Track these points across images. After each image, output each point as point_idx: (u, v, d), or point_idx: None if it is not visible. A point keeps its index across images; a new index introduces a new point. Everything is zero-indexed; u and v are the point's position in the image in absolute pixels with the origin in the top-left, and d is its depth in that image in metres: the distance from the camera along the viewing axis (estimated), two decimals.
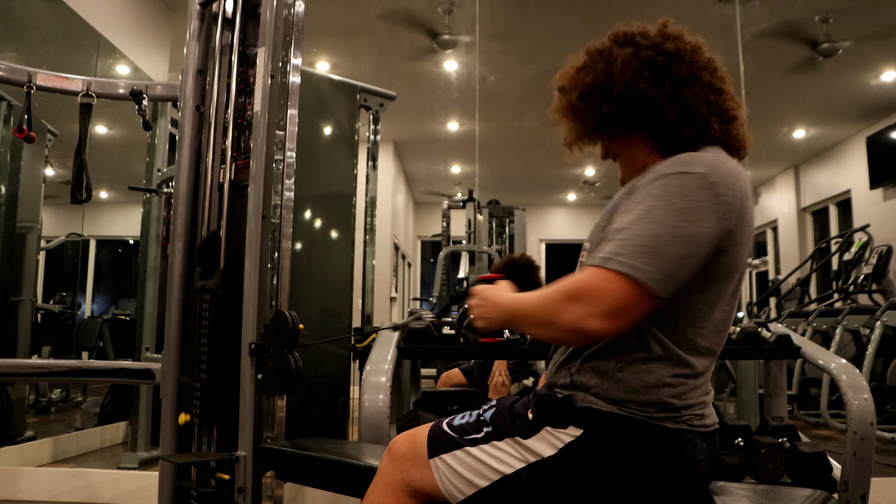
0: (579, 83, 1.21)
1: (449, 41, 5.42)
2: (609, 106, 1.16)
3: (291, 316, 1.52)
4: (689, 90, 1.14)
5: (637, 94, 1.14)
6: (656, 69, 1.15)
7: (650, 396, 1.08)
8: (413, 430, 1.28)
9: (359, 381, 2.15)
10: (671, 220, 1.01)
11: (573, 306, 1.00)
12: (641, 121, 1.15)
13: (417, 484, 1.21)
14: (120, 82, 2.06)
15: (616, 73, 1.16)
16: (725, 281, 1.09)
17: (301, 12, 1.80)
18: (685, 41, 1.19)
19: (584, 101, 1.20)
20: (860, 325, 4.67)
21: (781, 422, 2.30)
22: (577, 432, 1.09)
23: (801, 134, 7.80)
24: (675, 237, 1.00)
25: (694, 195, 1.02)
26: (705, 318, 1.10)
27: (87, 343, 4.85)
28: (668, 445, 1.08)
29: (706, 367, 1.14)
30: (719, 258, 1.06)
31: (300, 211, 3.04)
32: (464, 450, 1.17)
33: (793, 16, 5.15)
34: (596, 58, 1.21)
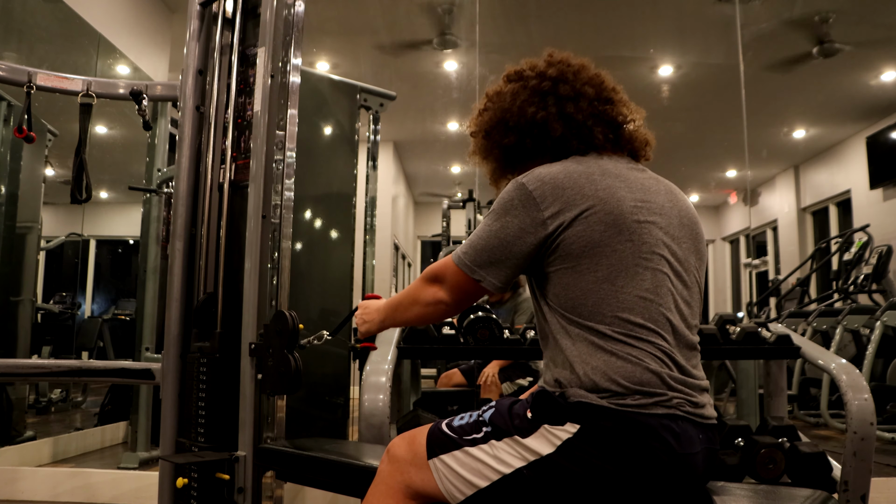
0: (483, 124, 1.36)
1: (449, 41, 5.42)
2: (508, 136, 1.32)
3: (291, 316, 1.52)
4: (573, 105, 1.27)
5: (527, 119, 1.29)
6: (542, 94, 1.29)
7: (620, 378, 1.10)
8: (412, 431, 1.28)
9: (359, 381, 2.15)
10: (488, 220, 1.24)
11: (430, 286, 1.30)
12: (535, 142, 1.29)
13: (418, 486, 1.21)
14: (120, 82, 2.06)
15: (508, 105, 1.31)
16: (601, 254, 1.15)
17: (301, 12, 1.80)
18: (569, 64, 1.32)
19: (488, 138, 1.36)
20: (860, 325, 4.67)
21: (781, 422, 2.30)
22: (574, 428, 1.10)
23: (801, 134, 7.80)
24: (487, 233, 1.22)
25: (505, 197, 1.22)
26: (612, 293, 1.14)
27: (87, 343, 4.86)
28: (661, 436, 1.09)
29: (669, 340, 1.15)
30: (563, 237, 1.16)
31: (300, 211, 3.04)
32: (463, 450, 1.18)
33: (793, 16, 5.15)
34: (493, 98, 1.36)
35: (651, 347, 1.13)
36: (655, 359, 1.13)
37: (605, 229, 1.15)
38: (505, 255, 1.20)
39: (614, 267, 1.15)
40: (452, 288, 1.28)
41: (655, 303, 1.16)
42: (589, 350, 1.14)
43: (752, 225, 9.68)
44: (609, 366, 1.11)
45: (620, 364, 1.11)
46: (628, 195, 1.18)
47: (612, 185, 1.19)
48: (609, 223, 1.16)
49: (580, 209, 1.16)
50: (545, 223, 1.17)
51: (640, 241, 1.16)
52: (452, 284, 1.27)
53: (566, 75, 1.30)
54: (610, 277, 1.15)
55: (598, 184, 1.18)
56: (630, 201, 1.18)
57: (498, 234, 1.21)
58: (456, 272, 1.26)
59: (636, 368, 1.11)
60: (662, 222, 1.20)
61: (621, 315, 1.14)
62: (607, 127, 1.28)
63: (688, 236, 1.24)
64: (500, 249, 1.20)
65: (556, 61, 1.33)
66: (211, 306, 1.71)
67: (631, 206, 1.18)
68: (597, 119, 1.27)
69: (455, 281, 1.27)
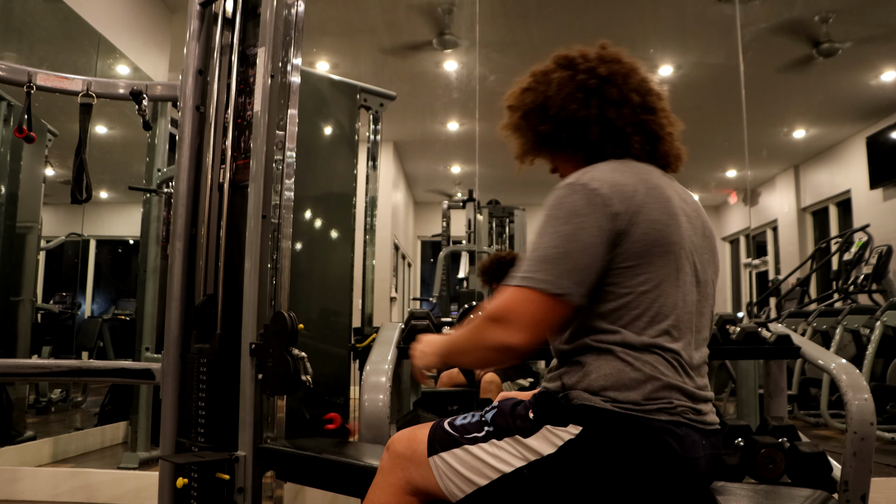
0: (523, 104, 1.32)
1: (449, 41, 5.42)
2: (545, 124, 1.28)
3: (290, 316, 1.52)
4: (616, 111, 1.24)
5: (567, 114, 1.25)
6: (588, 91, 1.25)
7: (632, 386, 1.10)
8: (412, 428, 1.29)
9: (359, 380, 2.15)
10: (550, 228, 1.13)
11: (494, 328, 1.12)
12: (570, 138, 1.26)
13: (418, 482, 1.21)
14: (120, 82, 2.06)
15: (552, 93, 1.27)
16: (650, 259, 1.14)
17: (301, 12, 1.80)
18: (621, 63, 1.28)
19: (525, 119, 1.31)
20: (860, 325, 4.67)
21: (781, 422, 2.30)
22: (577, 430, 1.10)
23: (801, 134, 7.80)
24: (557, 239, 1.11)
25: (565, 201, 1.14)
26: (652, 300, 1.14)
27: (87, 343, 4.86)
28: (665, 441, 1.09)
29: (686, 350, 1.16)
30: (625, 239, 1.12)
31: (300, 211, 3.04)
32: (463, 448, 1.18)
33: (793, 16, 5.15)
34: (539, 79, 1.31)
35: (669, 356, 1.13)
36: (670, 367, 1.13)
37: (656, 237, 1.14)
38: (589, 260, 1.11)
39: (656, 275, 1.14)
40: (526, 324, 1.10)
41: (683, 312, 1.16)
42: (607, 357, 1.13)
43: (752, 225, 9.68)
44: (621, 372, 1.11)
45: (632, 371, 1.11)
46: (669, 206, 1.18)
47: (658, 195, 1.17)
48: (658, 230, 1.15)
49: (639, 213, 1.14)
50: (615, 218, 1.12)
51: (678, 251, 1.16)
52: (526, 319, 1.10)
53: (615, 78, 1.25)
54: (652, 285, 1.14)
55: (649, 191, 1.17)
56: (672, 212, 1.17)
57: (574, 237, 1.11)
58: (530, 300, 1.10)
59: (647, 376, 1.11)
60: (692, 234, 1.21)
61: (654, 324, 1.13)
62: (645, 138, 1.25)
63: (707, 248, 1.25)
64: (581, 254, 1.11)
65: (608, 58, 1.28)
66: (211, 307, 1.71)
67: (673, 216, 1.17)
68: (637, 128, 1.24)
69: (529, 313, 1.11)
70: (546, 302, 1.10)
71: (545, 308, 1.10)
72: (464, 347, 1.23)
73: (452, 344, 1.26)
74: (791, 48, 5.55)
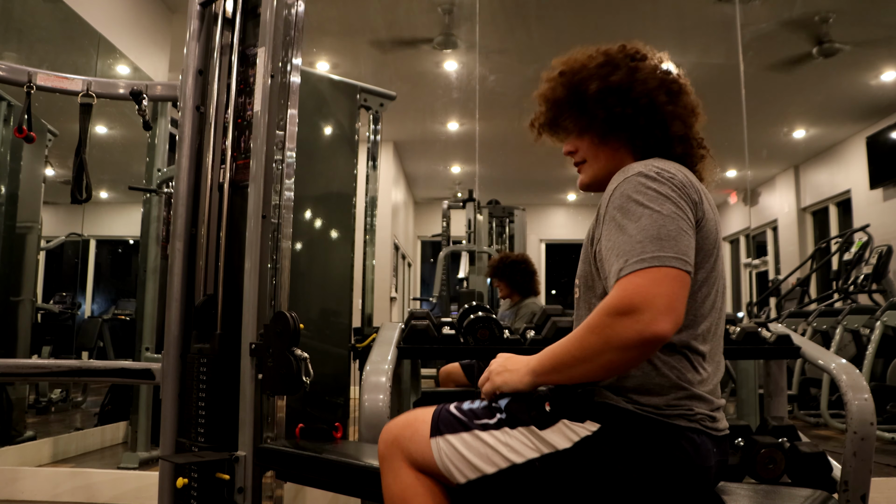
0: (601, 77, 1.25)
1: (449, 41, 5.42)
2: (625, 107, 1.23)
3: (292, 317, 1.52)
4: (682, 123, 1.27)
5: (654, 104, 1.23)
6: (672, 93, 1.26)
7: (664, 392, 1.10)
8: (408, 413, 1.28)
9: (359, 380, 2.15)
10: (640, 210, 1.07)
11: (626, 320, 0.98)
12: (645, 127, 1.23)
13: (417, 459, 1.20)
14: (120, 82, 2.06)
15: (641, 78, 1.24)
16: (707, 258, 1.15)
17: (301, 12, 1.80)
18: (686, 82, 1.32)
19: (600, 94, 1.24)
20: (860, 325, 4.67)
21: (781, 422, 2.30)
22: (594, 427, 1.09)
23: (801, 134, 7.80)
24: (657, 219, 1.05)
25: (649, 190, 1.09)
26: (703, 297, 1.14)
27: (87, 343, 4.86)
28: (682, 447, 1.09)
29: (710, 355, 1.16)
30: (698, 234, 1.12)
31: (300, 211, 3.04)
32: (472, 433, 1.16)
33: (793, 16, 5.15)
34: (622, 61, 1.27)
35: (696, 359, 1.13)
36: (694, 372, 1.12)
37: (712, 236, 1.15)
38: (691, 241, 1.07)
39: (708, 275, 1.15)
40: (668, 307, 0.98)
41: (718, 315, 1.18)
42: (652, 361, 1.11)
43: (752, 225, 9.68)
44: (647, 375, 1.10)
45: (657, 376, 1.10)
46: (714, 207, 1.20)
47: (708, 196, 1.20)
48: (713, 229, 1.16)
49: (703, 209, 1.15)
50: (695, 207, 1.12)
51: (719, 253, 1.18)
52: (667, 301, 0.98)
53: (687, 91, 1.31)
54: (705, 285, 1.14)
55: (703, 191, 1.18)
56: (717, 214, 1.20)
57: (675, 218, 1.06)
58: (666, 279, 0.99)
59: (672, 383, 1.10)
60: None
61: (693, 326, 1.13)
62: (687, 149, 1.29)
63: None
64: (685, 234, 1.06)
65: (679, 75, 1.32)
66: (211, 307, 1.71)
67: (717, 218, 1.20)
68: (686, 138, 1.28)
69: (669, 294, 0.99)
70: (682, 278, 1.01)
71: (682, 285, 1.01)
72: (579, 356, 1.05)
73: (556, 357, 1.09)
74: (791, 48, 5.55)
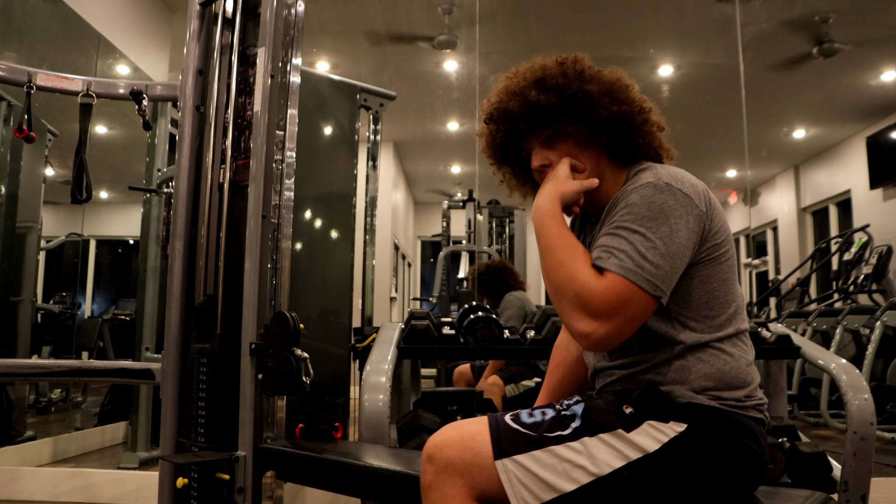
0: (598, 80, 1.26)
1: (449, 41, 5.42)
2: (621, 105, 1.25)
3: (292, 317, 1.52)
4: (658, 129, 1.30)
5: (643, 108, 1.27)
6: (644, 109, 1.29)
7: (741, 384, 1.13)
8: (454, 427, 1.14)
9: (359, 380, 2.15)
10: (644, 226, 1.09)
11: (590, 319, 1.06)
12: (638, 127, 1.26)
13: (485, 487, 1.07)
14: (120, 82, 2.06)
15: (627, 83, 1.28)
16: (724, 255, 1.17)
17: (301, 12, 1.80)
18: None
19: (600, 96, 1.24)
20: (860, 325, 4.67)
21: (781, 422, 2.30)
22: (681, 427, 1.07)
23: (801, 134, 7.80)
24: (659, 240, 1.08)
25: (655, 201, 1.10)
26: (730, 290, 1.18)
27: (87, 343, 4.85)
28: (759, 440, 1.12)
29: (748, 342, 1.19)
30: (706, 238, 1.14)
31: (300, 211, 3.04)
32: (545, 450, 1.06)
33: (793, 16, 5.15)
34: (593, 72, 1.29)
35: (747, 349, 1.18)
36: (748, 361, 1.16)
37: (726, 231, 1.19)
38: (681, 264, 1.10)
39: (729, 271, 1.18)
40: (630, 319, 1.06)
41: (742, 305, 1.21)
42: (700, 351, 1.13)
43: (752, 225, 9.68)
44: (717, 367, 1.12)
45: (726, 366, 1.13)
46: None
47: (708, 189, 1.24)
48: (724, 224, 1.19)
49: (713, 208, 1.17)
50: (701, 218, 1.13)
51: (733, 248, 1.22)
52: (632, 313, 1.06)
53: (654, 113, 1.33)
54: (727, 278, 1.18)
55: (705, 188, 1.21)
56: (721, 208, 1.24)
57: (671, 238, 1.08)
58: (641, 297, 1.06)
59: (739, 370, 1.13)
60: None
61: (734, 315, 1.17)
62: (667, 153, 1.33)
63: None
64: (677, 257, 1.09)
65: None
66: (211, 308, 1.71)
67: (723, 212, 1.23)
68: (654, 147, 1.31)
69: (637, 309, 1.06)
70: (648, 302, 1.07)
71: (645, 308, 1.07)
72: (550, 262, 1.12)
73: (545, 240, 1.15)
74: (791, 48, 5.55)
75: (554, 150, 1.26)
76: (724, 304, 1.16)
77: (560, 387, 1.47)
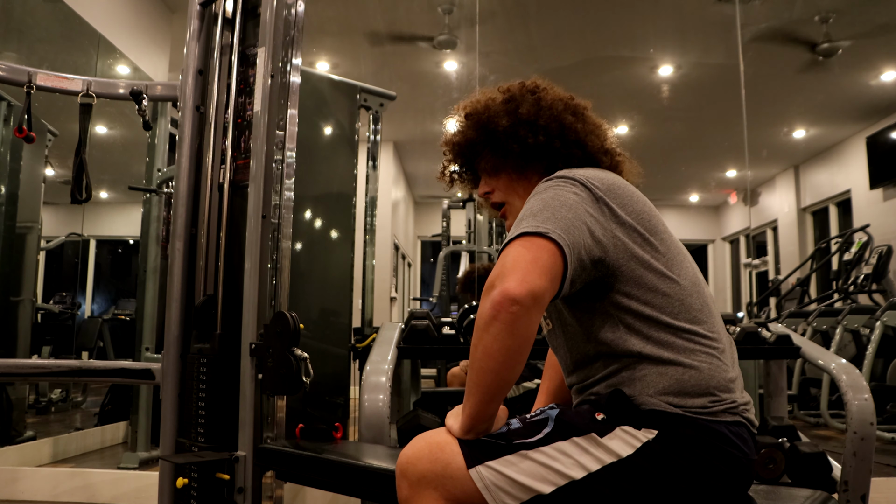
0: (510, 113, 1.31)
1: (449, 41, 5.42)
2: (536, 136, 1.28)
3: (292, 317, 1.52)
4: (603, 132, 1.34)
5: (564, 125, 1.29)
6: (577, 113, 1.32)
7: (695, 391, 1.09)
8: (422, 440, 1.14)
9: (359, 380, 2.15)
10: (548, 195, 1.12)
11: (491, 290, 1.01)
12: (566, 146, 1.28)
13: (458, 496, 1.07)
14: (120, 82, 2.06)
15: (546, 105, 1.30)
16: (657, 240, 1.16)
17: (301, 12, 1.80)
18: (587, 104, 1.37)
19: (511, 128, 1.30)
20: (860, 325, 4.67)
21: (781, 422, 2.30)
22: (652, 434, 1.07)
23: (801, 134, 7.80)
24: (556, 202, 1.10)
25: (555, 183, 1.15)
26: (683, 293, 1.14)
27: (87, 343, 4.85)
28: (735, 443, 1.09)
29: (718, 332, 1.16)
30: (631, 216, 1.14)
31: (300, 211, 3.04)
32: (518, 454, 1.06)
33: (793, 16, 5.15)
34: (520, 95, 1.33)
35: (709, 354, 1.13)
36: (711, 366, 1.11)
37: (652, 222, 1.16)
38: (572, 214, 1.08)
39: (667, 255, 1.16)
40: (515, 267, 1.00)
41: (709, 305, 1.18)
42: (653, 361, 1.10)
43: (752, 225, 9.68)
44: (675, 378, 1.09)
45: (684, 375, 1.09)
46: (644, 197, 1.22)
47: (633, 188, 1.23)
48: (650, 216, 1.17)
49: (624, 194, 1.16)
50: (601, 199, 1.13)
51: (670, 239, 1.20)
52: (513, 264, 1.01)
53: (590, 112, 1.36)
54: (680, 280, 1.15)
55: (626, 185, 1.21)
56: (649, 202, 1.22)
57: (556, 197, 1.11)
58: (513, 250, 1.04)
59: (699, 377, 1.09)
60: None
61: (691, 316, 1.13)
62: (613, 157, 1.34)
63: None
64: (565, 208, 1.09)
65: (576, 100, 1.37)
66: (211, 307, 1.71)
67: (652, 206, 1.21)
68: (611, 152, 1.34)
69: (515, 259, 1.02)
70: (532, 245, 1.03)
71: (531, 252, 1.02)
72: (470, 367, 1.06)
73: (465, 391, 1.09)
74: (791, 48, 5.55)
75: (497, 179, 1.36)
76: (675, 308, 1.12)
77: (560, 390, 1.46)
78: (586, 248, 1.08)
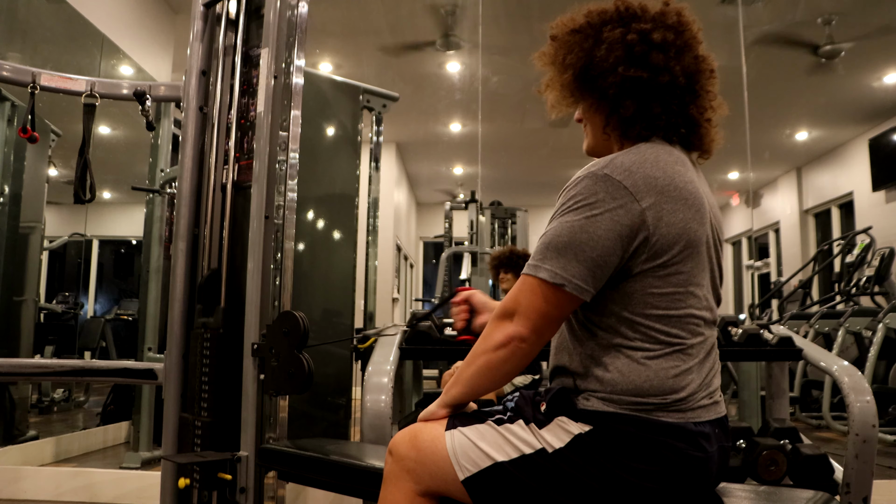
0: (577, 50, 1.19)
1: (452, 42, 5.43)
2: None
3: (301, 318, 1.51)
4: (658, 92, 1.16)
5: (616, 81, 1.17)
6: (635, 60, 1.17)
7: (652, 392, 1.08)
8: (413, 427, 1.24)
9: (361, 381, 2.15)
10: (564, 217, 1.08)
11: (504, 322, 1.11)
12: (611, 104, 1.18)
13: (428, 484, 1.17)
14: (123, 83, 2.06)
15: (601, 54, 1.17)
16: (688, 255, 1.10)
17: (304, 13, 1.81)
18: (678, 33, 1.26)
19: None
20: (862, 328, 4.67)
21: (783, 424, 2.30)
22: (587, 428, 1.09)
23: (804, 136, 7.80)
24: (567, 229, 1.07)
25: (584, 191, 1.08)
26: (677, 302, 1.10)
27: (90, 343, 4.86)
28: (676, 439, 1.07)
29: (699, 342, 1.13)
30: (657, 230, 1.07)
31: (303, 212, 3.04)
32: (487, 423, 1.16)
33: (795, 18, 5.15)
34: (589, 31, 1.20)
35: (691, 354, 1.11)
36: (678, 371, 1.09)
37: (686, 235, 1.09)
38: (595, 253, 1.05)
39: (683, 277, 1.10)
40: (529, 312, 1.08)
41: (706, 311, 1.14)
42: (617, 357, 1.10)
43: (754, 227, 9.67)
44: (630, 378, 1.08)
45: (646, 372, 1.08)
46: (699, 202, 1.12)
47: (691, 190, 1.12)
48: (687, 228, 1.09)
49: (673, 201, 1.08)
50: (640, 214, 1.06)
51: (708, 246, 1.14)
52: (528, 307, 1.08)
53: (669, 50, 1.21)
54: (689, 282, 1.10)
55: (681, 187, 1.11)
56: (701, 210, 1.12)
57: (584, 228, 1.06)
58: (531, 287, 1.08)
59: (659, 380, 1.08)
60: (714, 226, 1.18)
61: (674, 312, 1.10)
62: (683, 123, 1.19)
63: (720, 242, 1.21)
64: (587, 245, 1.05)
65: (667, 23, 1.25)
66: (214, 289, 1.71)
67: (701, 214, 1.12)
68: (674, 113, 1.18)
69: (531, 301, 1.08)
70: (545, 291, 1.07)
71: (544, 298, 1.07)
72: (469, 363, 1.16)
73: (455, 377, 1.20)
74: (793, 50, 5.55)
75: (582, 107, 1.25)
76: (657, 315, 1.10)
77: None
78: (605, 276, 1.09)
